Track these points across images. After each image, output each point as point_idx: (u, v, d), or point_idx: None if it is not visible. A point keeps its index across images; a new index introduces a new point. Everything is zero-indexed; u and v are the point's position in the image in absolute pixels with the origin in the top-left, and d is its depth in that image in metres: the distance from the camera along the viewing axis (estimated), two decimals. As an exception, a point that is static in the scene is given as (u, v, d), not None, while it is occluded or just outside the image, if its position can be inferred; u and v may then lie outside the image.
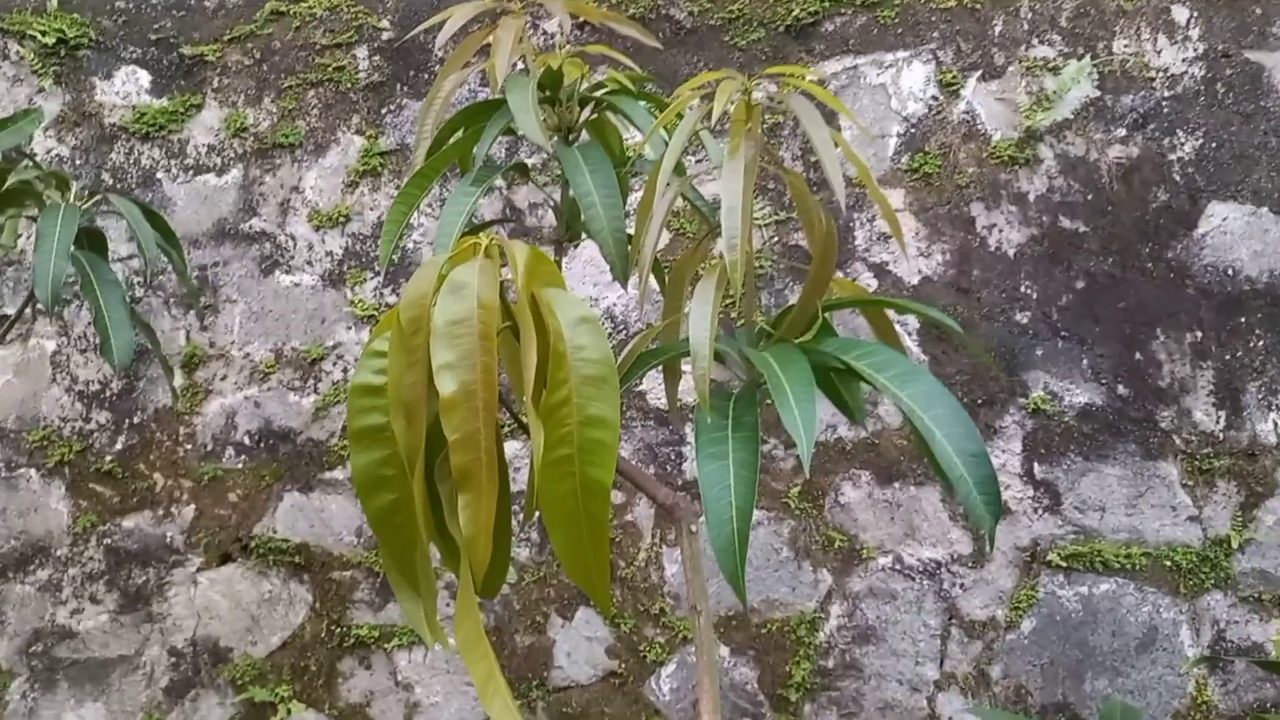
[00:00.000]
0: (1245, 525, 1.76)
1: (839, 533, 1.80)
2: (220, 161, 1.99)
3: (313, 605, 1.87)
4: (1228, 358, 1.80)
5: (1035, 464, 1.80)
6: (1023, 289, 1.85)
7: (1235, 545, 1.74)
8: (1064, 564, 1.76)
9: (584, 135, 1.30)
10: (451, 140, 1.29)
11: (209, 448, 1.92)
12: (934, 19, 1.93)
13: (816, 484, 1.83)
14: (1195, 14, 1.90)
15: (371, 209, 1.97)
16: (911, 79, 1.92)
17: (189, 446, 1.92)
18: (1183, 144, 1.87)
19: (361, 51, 2.00)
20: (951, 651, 1.77)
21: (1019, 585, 1.78)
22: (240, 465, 1.91)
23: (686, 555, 1.14)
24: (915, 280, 1.87)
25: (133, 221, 1.30)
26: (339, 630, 1.86)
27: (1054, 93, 1.90)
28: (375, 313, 1.94)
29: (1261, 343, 1.79)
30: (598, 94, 1.19)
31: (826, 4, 1.94)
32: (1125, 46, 1.90)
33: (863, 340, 1.05)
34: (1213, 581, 1.75)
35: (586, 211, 1.12)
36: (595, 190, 1.13)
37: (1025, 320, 1.84)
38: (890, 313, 1.22)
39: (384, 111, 1.99)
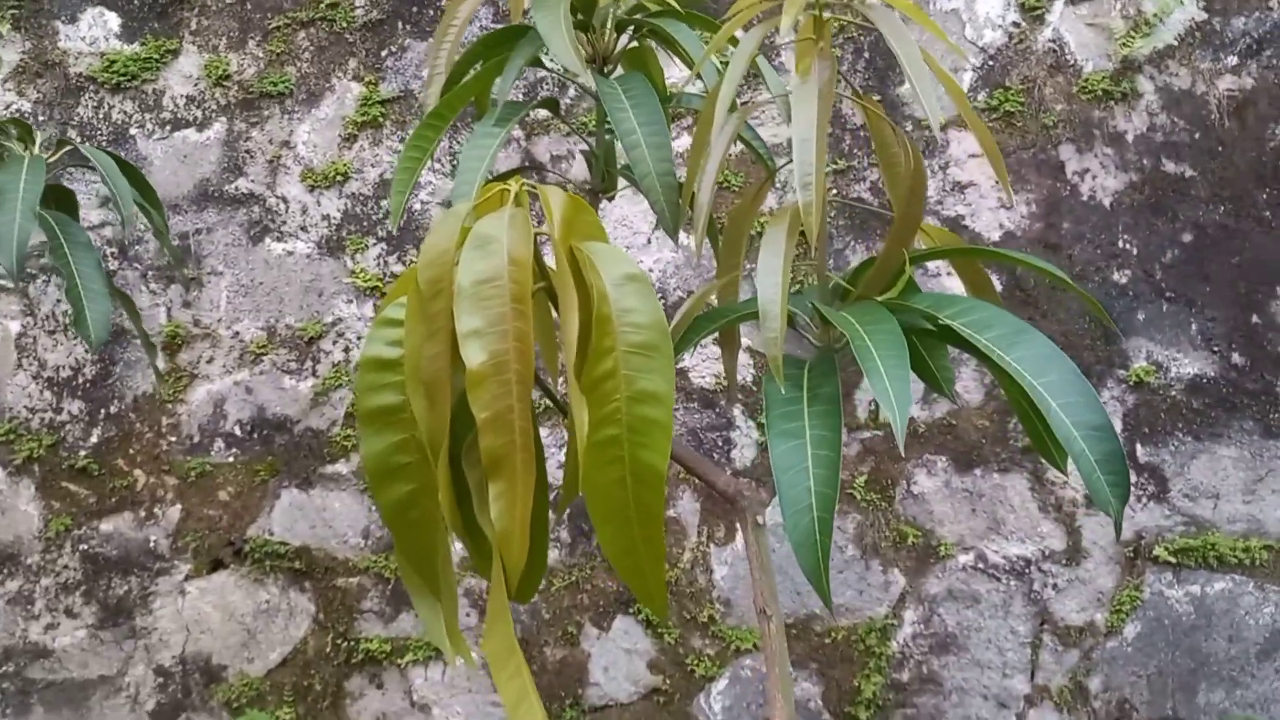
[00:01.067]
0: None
1: (912, 527, 1.72)
2: (201, 114, 1.92)
3: (316, 616, 1.81)
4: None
5: (1139, 445, 1.72)
6: (1121, 244, 1.76)
7: (1374, 536, 1.65)
8: (1173, 560, 1.68)
9: (618, 69, 1.23)
10: (468, 77, 1.22)
11: (195, 440, 1.86)
12: (1013, -65, 1.83)
13: (885, 472, 1.75)
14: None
15: (373, 165, 1.90)
16: (989, 3, 1.83)
17: (173, 439, 1.86)
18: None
19: (357, -13, 1.92)
20: (1044, 661, 1.69)
21: (1121, 585, 1.70)
22: (231, 459, 1.85)
23: (753, 551, 1.06)
24: (996, 235, 1.78)
25: (107, 175, 1.23)
26: (346, 644, 1.80)
27: (1154, 15, 1.80)
28: (380, 284, 1.87)
29: (1401, 301, 1.70)
30: (638, 16, 1.11)
31: (889, -80, 1.84)
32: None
33: (957, 296, 0.97)
34: (1347, 578, 1.66)
35: (631, 153, 1.04)
36: (640, 129, 1.05)
37: (1124, 280, 1.75)
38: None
39: (384, 54, 1.91)
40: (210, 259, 1.88)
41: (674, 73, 1.59)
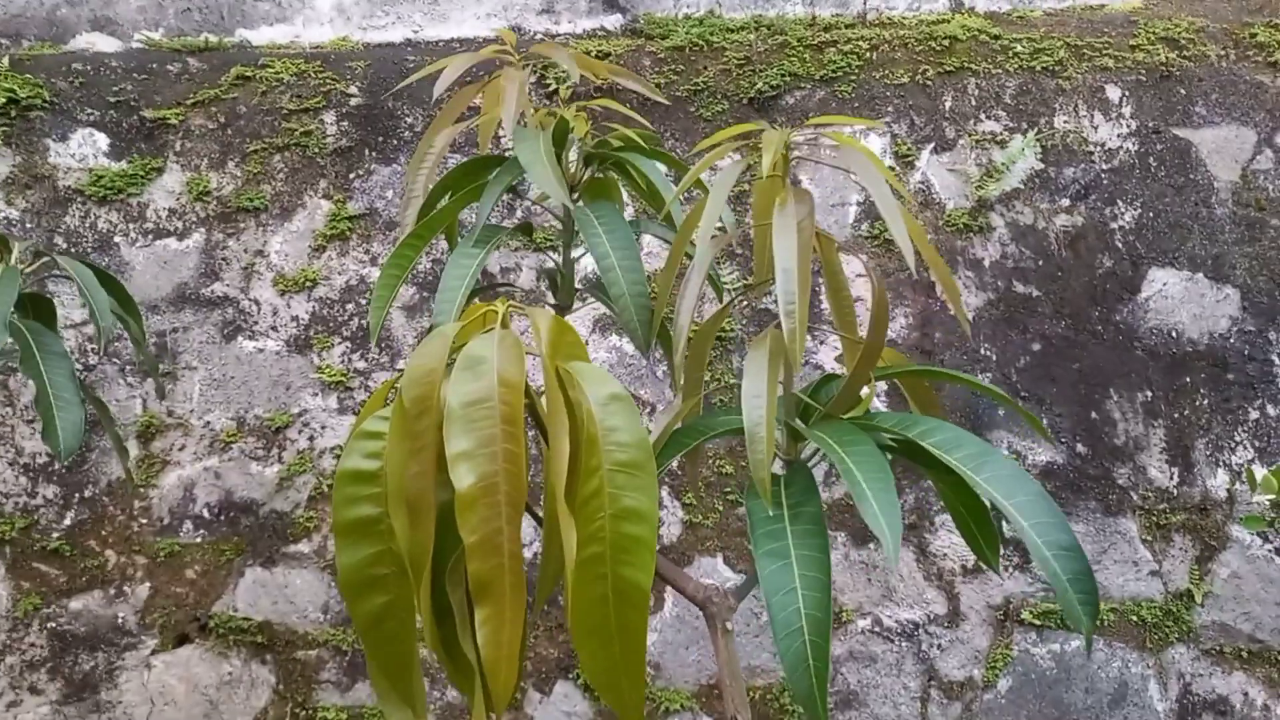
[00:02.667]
0: (1202, 579, 1.59)
1: (818, 596, 1.57)
2: (181, 225, 1.70)
3: (276, 687, 1.56)
4: (1176, 416, 1.64)
5: (1003, 522, 1.61)
6: (983, 351, 1.67)
7: (1196, 599, 1.57)
8: (1036, 621, 1.57)
9: (580, 199, 1.07)
10: (443, 202, 1.04)
11: (166, 522, 1.60)
12: (888, 94, 1.76)
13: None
14: (1126, 93, 1.77)
15: (339, 273, 1.70)
16: (873, 147, 1.74)
17: (144, 521, 1.60)
18: (1123, 213, 1.72)
19: (329, 116, 1.74)
20: (932, 714, 1.55)
21: (994, 644, 1.57)
22: (199, 540, 1.60)
23: (723, 657, 0.90)
24: (881, 344, 1.67)
25: (84, 286, 1.02)
26: (304, 713, 1.55)
27: (1002, 164, 1.75)
28: (343, 378, 1.66)
29: (1206, 401, 1.64)
30: (605, 150, 0.96)
31: (787, 78, 1.75)
32: (1065, 122, 1.76)
33: (917, 415, 0.84)
34: (1176, 635, 1.57)
35: (606, 275, 0.89)
36: (613, 252, 0.91)
37: (986, 381, 1.65)
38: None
39: (352, 176, 1.73)
40: (185, 355, 1.64)
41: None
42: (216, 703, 1.55)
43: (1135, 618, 1.57)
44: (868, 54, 1.78)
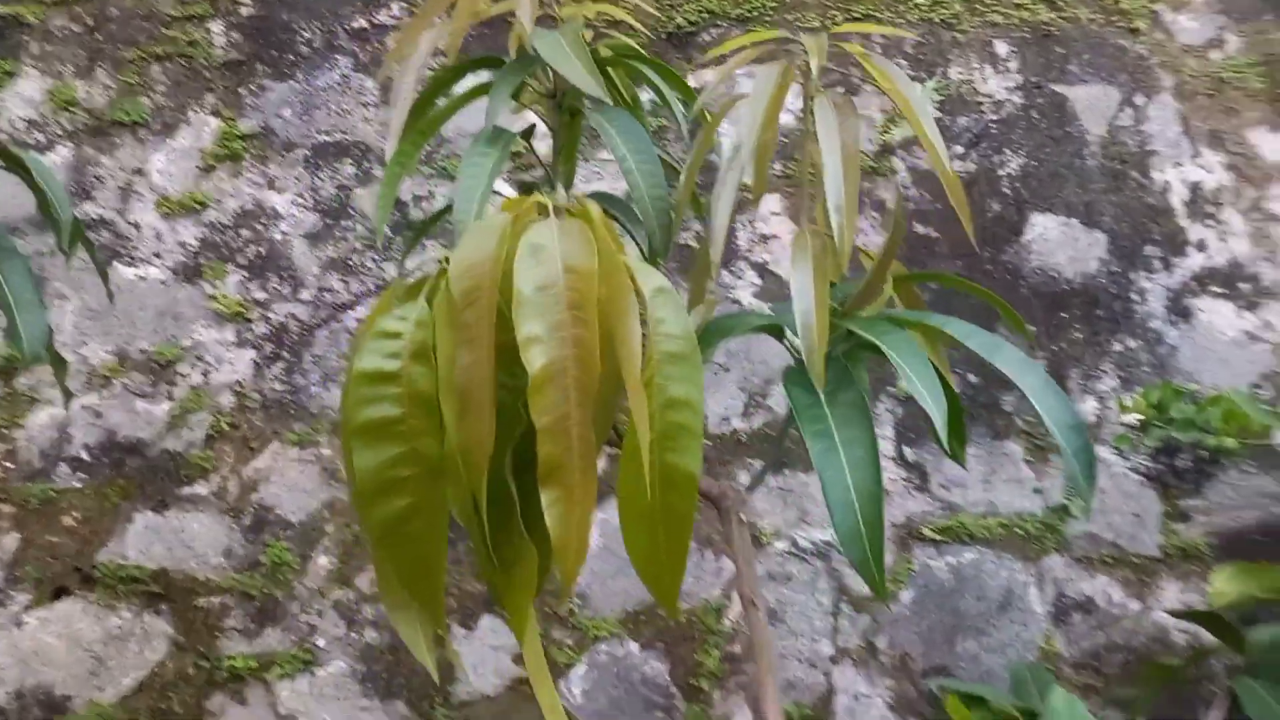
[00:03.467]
0: (1073, 495, 1.83)
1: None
2: (44, 138, 1.59)
3: (174, 638, 1.51)
4: (1055, 349, 1.87)
5: (905, 448, 1.79)
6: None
7: (1074, 511, 1.81)
8: (935, 537, 1.76)
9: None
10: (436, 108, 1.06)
11: (36, 466, 1.51)
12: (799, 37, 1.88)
13: (715, 475, 1.71)
14: (1013, 49, 1.98)
15: (232, 196, 1.65)
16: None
17: (10, 465, 1.50)
18: (1009, 161, 1.93)
19: (217, 26, 1.67)
20: (843, 627, 1.71)
21: (898, 560, 1.75)
22: (79, 484, 1.52)
23: (738, 546, 0.98)
24: (793, 279, 1.81)
25: (39, 174, 0.95)
26: (208, 664, 1.52)
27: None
28: (241, 310, 1.61)
29: (1080, 335, 1.88)
30: (617, 54, 1.02)
31: (705, 16, 1.84)
32: (959, 73, 1.94)
33: (931, 313, 0.96)
34: (1053, 545, 1.80)
35: (627, 178, 0.95)
36: (631, 155, 0.96)
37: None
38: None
39: (243, 92, 1.67)
40: (55, 282, 1.55)
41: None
42: (104, 659, 1.49)
43: (1020, 531, 1.79)
44: (778, -6, 1.89)
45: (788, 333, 0.99)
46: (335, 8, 1.66)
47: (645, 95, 1.16)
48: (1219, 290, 1.97)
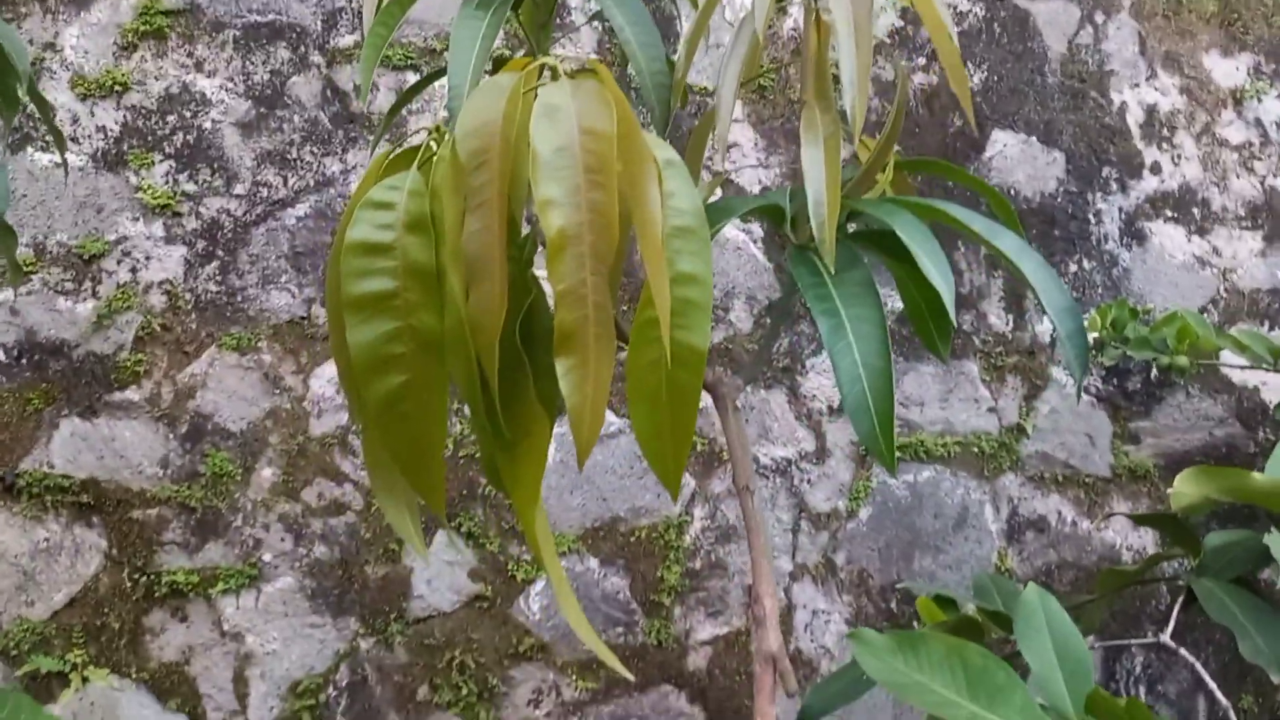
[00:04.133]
0: (1028, 414, 1.94)
1: (699, 437, 1.75)
2: (-57, 3, 1.51)
3: (109, 552, 1.50)
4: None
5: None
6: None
7: (1027, 432, 1.92)
8: (896, 454, 1.84)
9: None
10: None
11: (-55, 367, 1.47)
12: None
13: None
14: (968, -40, 2.04)
15: (157, 78, 1.60)
16: (746, -9, 1.89)
17: (-85, 366, 1.45)
18: (971, 75, 2.00)
19: (136, -113, 1.60)
20: (802, 544, 1.79)
21: (855, 477, 1.84)
22: (-5, 387, 1.48)
23: (732, 433, 1.04)
24: (756, 189, 1.85)
25: None
26: (145, 580, 1.51)
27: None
28: (170, 202, 1.58)
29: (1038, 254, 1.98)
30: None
31: (668, -96, 1.84)
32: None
33: (930, 199, 1.00)
34: (1007, 464, 1.91)
35: (625, 48, 0.96)
36: (628, 25, 0.98)
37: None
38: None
39: (169, -37, 1.61)
40: (-39, 165, 1.48)
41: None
42: (31, 573, 1.47)
43: (976, 449, 1.90)
44: (744, -112, 1.90)
45: (787, 217, 1.03)
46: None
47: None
48: (1170, 214, 2.09)
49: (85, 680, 1.46)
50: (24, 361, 1.50)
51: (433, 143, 0.93)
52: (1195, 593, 1.36)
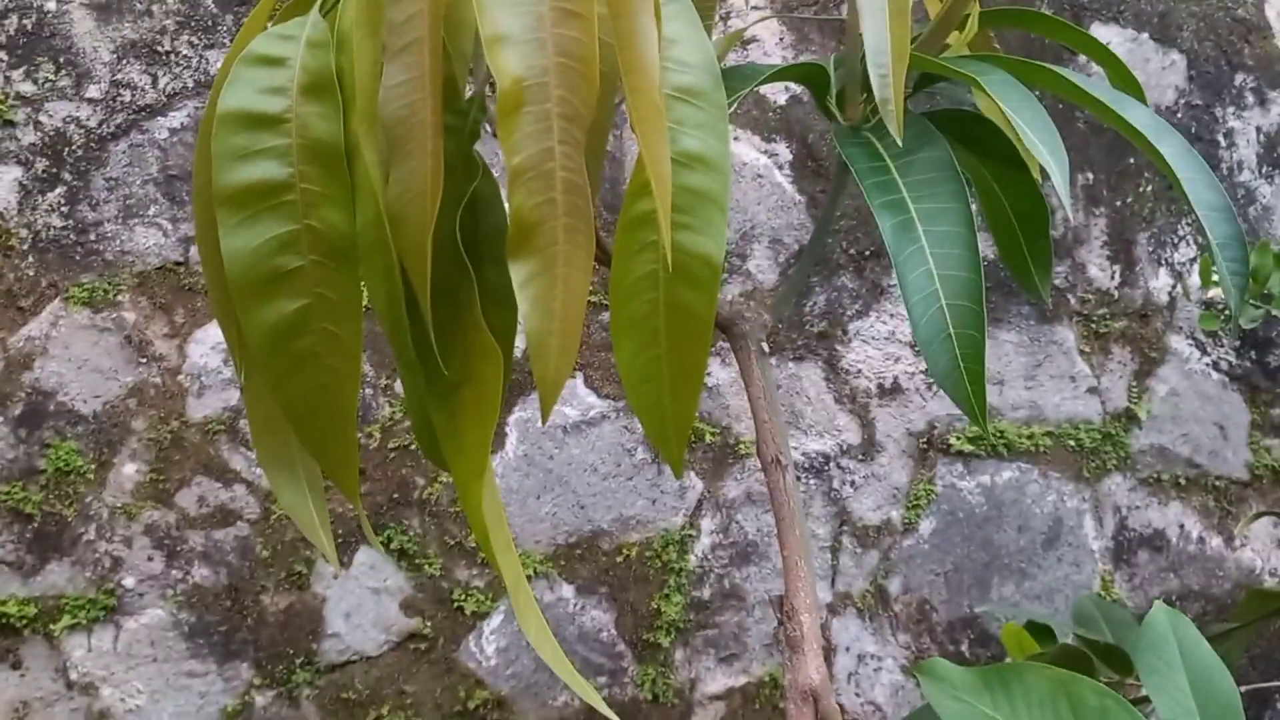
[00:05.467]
0: (1140, 397, 1.87)
1: (709, 424, 1.68)
2: None
3: (-86, 575, 1.42)
4: (1119, 204, 1.90)
5: (928, 330, 1.79)
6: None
7: (1141, 418, 1.85)
8: (966, 448, 1.78)
9: None
10: None
11: None
12: None
13: (674, 361, 1.69)
14: None
15: (-16, -56, 1.52)
16: None
17: None
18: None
19: None
20: (844, 566, 1.72)
21: (914, 479, 1.77)
22: None
23: (757, 386, 0.97)
24: (783, 100, 1.78)
25: None
26: (-37, 611, 1.43)
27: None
28: (1, 106, 1.50)
29: (1150, 188, 1.92)
30: None
31: None
32: None
33: (1024, 58, 0.93)
34: (1114, 463, 1.85)
35: None
36: None
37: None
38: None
39: None
40: None
41: None
42: None
43: (1073, 442, 1.83)
44: None
45: (832, 89, 0.96)
46: None
47: None
48: (1323, 137, 2.03)
49: (-118, 747, 1.39)
50: None
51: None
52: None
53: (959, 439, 1.79)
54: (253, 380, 0.91)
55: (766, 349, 0.97)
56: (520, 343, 1.37)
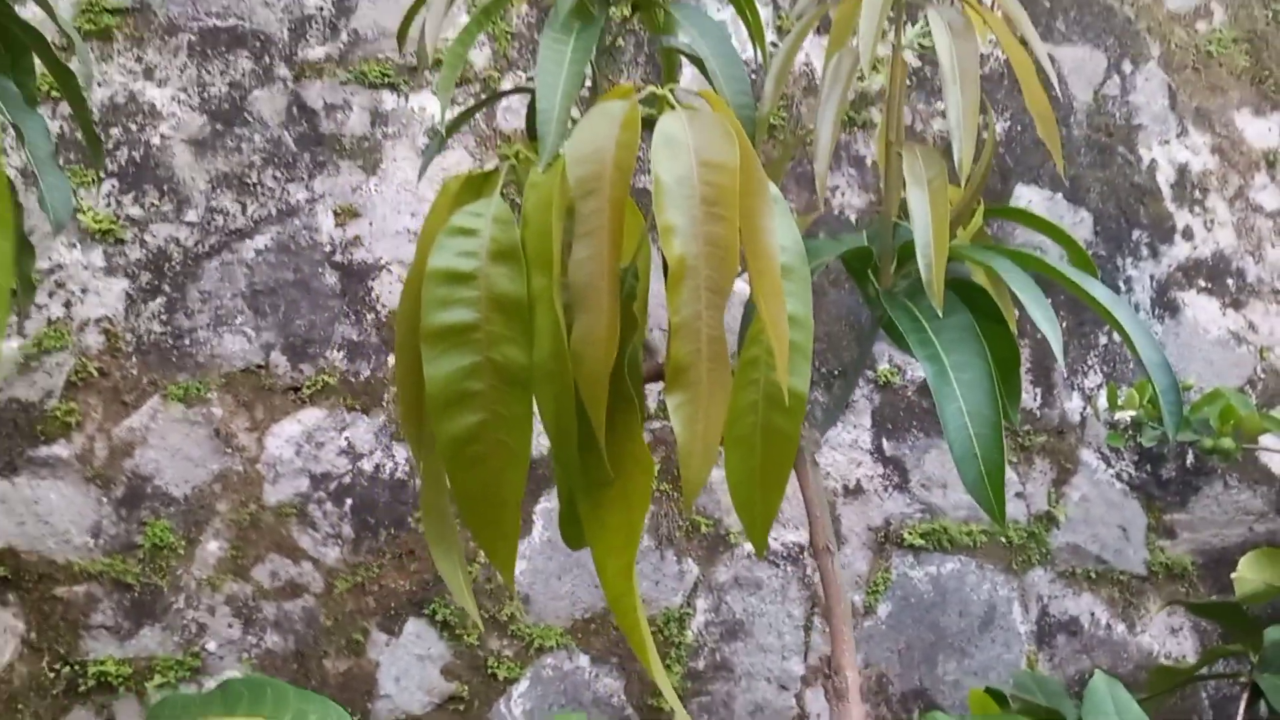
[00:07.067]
0: (1058, 501, 2.17)
1: (705, 517, 1.92)
2: None
3: (26, 636, 1.59)
4: (1039, 337, 2.21)
5: (884, 440, 2.08)
6: (865, 257, 2.12)
7: (1059, 520, 2.15)
8: (916, 542, 2.05)
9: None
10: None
11: None
12: (775, -40, 2.16)
13: (676, 462, 1.93)
14: (996, 4, 2.32)
15: (101, 84, 1.74)
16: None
17: None
18: (994, 124, 2.27)
19: None
20: (815, 643, 1.97)
21: (873, 568, 2.03)
22: (-102, 436, 1.57)
23: (812, 490, 1.21)
24: (766, 239, 2.06)
25: None
26: (68, 670, 1.60)
27: (883, 59, 2.21)
28: (113, 227, 1.71)
29: (1065, 325, 2.24)
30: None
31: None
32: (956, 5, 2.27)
33: (1012, 247, 1.22)
34: (1037, 558, 2.14)
35: (710, 81, 1.16)
36: (714, 57, 1.18)
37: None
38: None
39: (118, -43, 1.77)
40: None
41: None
42: (-69, 661, 1.54)
43: (1003, 539, 2.11)
44: (755, -91, 2.16)
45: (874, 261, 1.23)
46: None
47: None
48: (1204, 284, 2.39)
49: (-8, 790, 1.54)
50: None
51: (515, 167, 1.11)
52: (1260, 688, 1.59)
53: (911, 534, 2.06)
54: (430, 473, 1.14)
55: (818, 461, 1.23)
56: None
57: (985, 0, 1.27)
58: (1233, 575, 1.63)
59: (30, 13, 1.37)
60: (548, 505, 1.87)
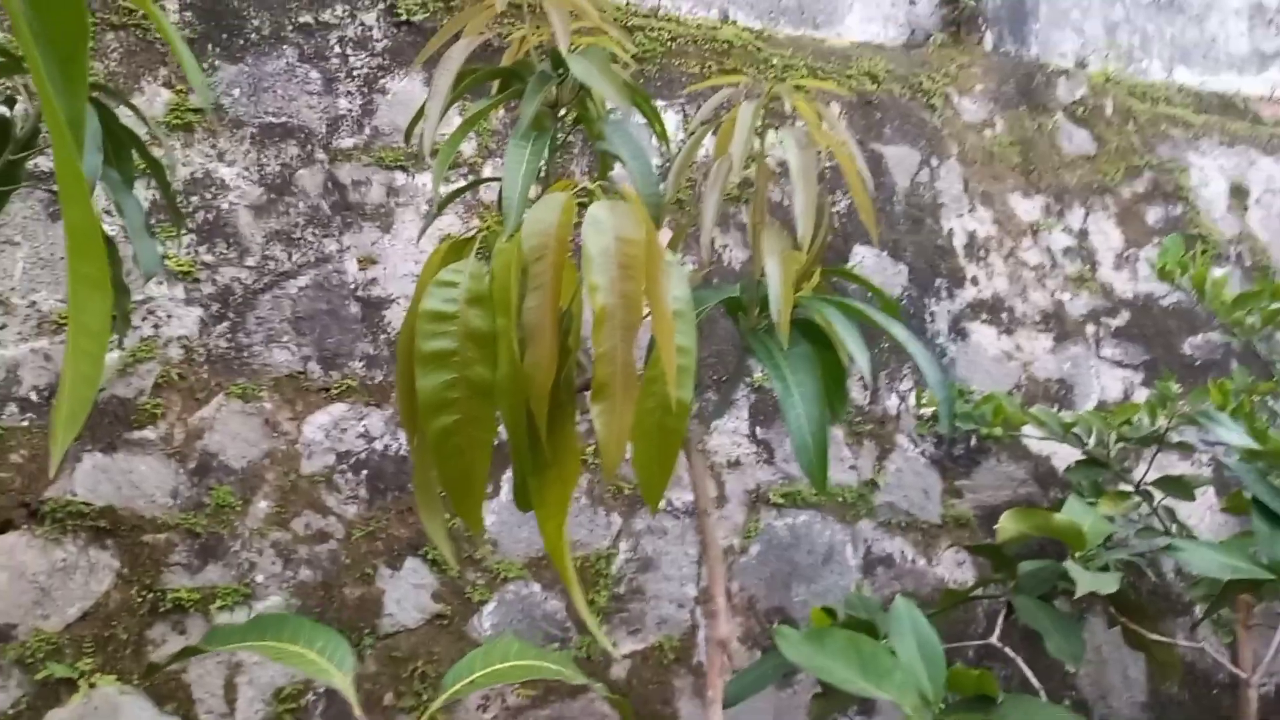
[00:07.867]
0: (879, 472, 2.22)
1: (625, 483, 1.95)
2: (-2, 89, 1.60)
3: (120, 571, 1.57)
4: (870, 354, 2.26)
5: (758, 427, 2.12)
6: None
7: (879, 486, 2.20)
8: (779, 501, 2.09)
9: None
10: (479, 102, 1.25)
11: (-20, 404, 1.53)
12: (683, 79, 2.19)
13: (605, 443, 1.95)
14: (844, 110, 2.38)
15: (184, 164, 1.72)
16: (668, 123, 2.16)
17: (-47, 402, 1.51)
18: (840, 200, 2.33)
19: (171, 4, 1.74)
20: (704, 574, 1.99)
21: (748, 519, 2.07)
22: (26, 423, 1.55)
23: (697, 469, 1.24)
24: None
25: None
26: (151, 596, 1.58)
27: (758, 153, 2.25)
28: (190, 269, 1.69)
29: (888, 345, 2.29)
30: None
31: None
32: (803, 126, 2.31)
33: (841, 298, 1.26)
34: (864, 512, 2.19)
35: (630, 176, 1.19)
36: (631, 160, 1.20)
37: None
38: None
39: (198, 69, 1.75)
40: (6, 229, 1.57)
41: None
42: (49, 589, 1.52)
43: (841, 499, 2.16)
44: (668, 43, 2.19)
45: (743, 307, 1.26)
46: (283, 1, 1.78)
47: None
48: (985, 318, 2.45)
49: (92, 686, 1.52)
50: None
51: (487, 236, 1.13)
52: (1014, 606, 1.65)
53: (775, 495, 2.11)
54: (420, 458, 1.15)
55: (702, 448, 1.26)
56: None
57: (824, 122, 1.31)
58: (996, 526, 1.69)
59: (128, 113, 1.36)
60: (508, 476, 1.88)
